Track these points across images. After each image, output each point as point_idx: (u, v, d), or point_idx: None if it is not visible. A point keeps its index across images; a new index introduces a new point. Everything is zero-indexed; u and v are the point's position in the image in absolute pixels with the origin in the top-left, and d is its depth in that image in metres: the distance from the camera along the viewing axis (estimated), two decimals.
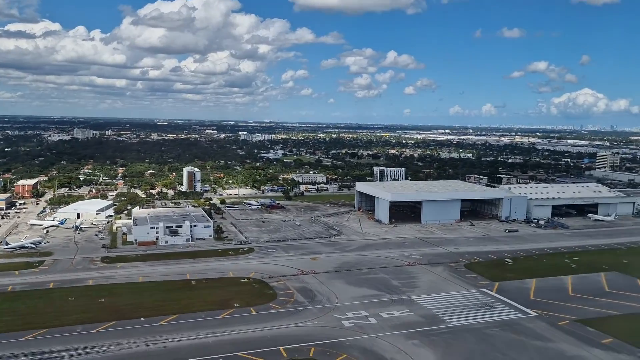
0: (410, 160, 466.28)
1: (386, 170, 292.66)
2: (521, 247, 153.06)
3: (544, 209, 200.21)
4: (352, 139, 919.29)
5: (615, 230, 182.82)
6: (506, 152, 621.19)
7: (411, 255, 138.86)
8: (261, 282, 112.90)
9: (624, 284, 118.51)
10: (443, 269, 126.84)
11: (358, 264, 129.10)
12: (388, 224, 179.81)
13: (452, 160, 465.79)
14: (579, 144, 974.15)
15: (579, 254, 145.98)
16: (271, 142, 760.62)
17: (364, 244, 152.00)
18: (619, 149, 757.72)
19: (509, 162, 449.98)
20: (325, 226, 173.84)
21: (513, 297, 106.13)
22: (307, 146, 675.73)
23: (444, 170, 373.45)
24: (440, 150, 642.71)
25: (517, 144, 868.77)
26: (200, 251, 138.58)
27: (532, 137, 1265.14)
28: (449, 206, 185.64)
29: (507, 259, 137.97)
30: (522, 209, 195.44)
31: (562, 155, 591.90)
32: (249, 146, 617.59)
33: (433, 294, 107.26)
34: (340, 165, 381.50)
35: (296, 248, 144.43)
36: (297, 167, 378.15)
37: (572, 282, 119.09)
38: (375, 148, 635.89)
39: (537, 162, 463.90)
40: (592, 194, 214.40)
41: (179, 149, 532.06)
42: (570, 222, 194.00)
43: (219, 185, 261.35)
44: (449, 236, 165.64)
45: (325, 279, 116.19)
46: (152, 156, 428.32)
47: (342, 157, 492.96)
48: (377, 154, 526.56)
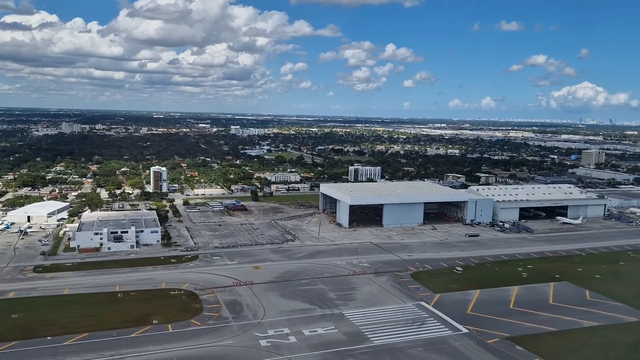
0: (395, 156, 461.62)
1: (361, 169, 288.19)
2: (477, 253, 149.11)
3: (511, 212, 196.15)
4: (345, 134, 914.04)
5: (580, 234, 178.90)
6: (495, 148, 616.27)
7: (359, 264, 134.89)
8: (192, 294, 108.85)
9: (570, 296, 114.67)
10: (387, 279, 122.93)
11: (300, 274, 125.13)
12: (348, 227, 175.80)
13: (438, 157, 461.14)
14: (572, 139, 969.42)
15: (534, 262, 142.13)
16: (261, 137, 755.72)
17: (315, 250, 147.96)
18: (611, 145, 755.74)
19: (493, 159, 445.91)
20: (282, 230, 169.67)
21: (449, 312, 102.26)
22: (297, 141, 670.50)
23: (426, 167, 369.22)
24: (429, 146, 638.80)
25: (509, 139, 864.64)
26: (141, 259, 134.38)
27: (527, 132, 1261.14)
28: (411, 209, 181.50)
29: (457, 267, 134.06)
30: (487, 212, 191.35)
31: (551, 151, 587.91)
32: (235, 142, 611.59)
33: (367, 308, 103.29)
34: (321, 162, 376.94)
35: (243, 255, 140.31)
36: (277, 164, 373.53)
37: (517, 293, 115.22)
38: (364, 144, 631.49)
39: (522, 159, 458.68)
40: (563, 196, 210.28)
41: (163, 144, 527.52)
42: (536, 226, 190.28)
43: (189, 185, 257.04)
44: (407, 241, 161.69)
45: (260, 290, 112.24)
46: (132, 152, 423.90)
47: (327, 153, 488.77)
48: (362, 150, 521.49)
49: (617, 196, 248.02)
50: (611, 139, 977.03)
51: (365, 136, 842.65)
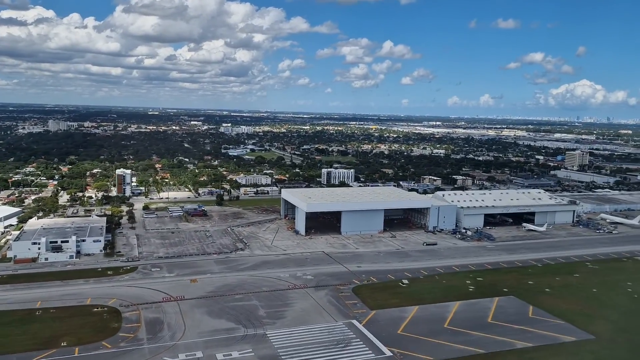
0: (379, 157, 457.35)
1: (335, 171, 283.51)
2: (429, 264, 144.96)
3: (475, 218, 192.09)
4: (336, 132, 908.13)
5: (542, 242, 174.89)
6: (484, 148, 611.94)
7: (303, 276, 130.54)
8: (115, 311, 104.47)
9: (512, 312, 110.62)
10: (326, 293, 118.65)
11: (237, 288, 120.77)
12: (305, 235, 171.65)
13: (422, 157, 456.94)
14: (564, 138, 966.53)
15: (486, 273, 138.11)
16: (250, 135, 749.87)
17: (262, 261, 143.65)
18: (602, 145, 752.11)
19: (477, 160, 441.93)
20: (235, 238, 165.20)
21: (378, 331, 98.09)
22: (285, 140, 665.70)
23: (406, 169, 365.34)
24: (418, 145, 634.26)
25: (500, 138, 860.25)
26: (77, 271, 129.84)
27: (520, 131, 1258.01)
28: (371, 216, 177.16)
29: (404, 280, 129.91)
30: (450, 219, 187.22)
31: (539, 151, 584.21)
32: (221, 140, 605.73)
33: (294, 327, 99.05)
34: (300, 163, 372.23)
35: (184, 266, 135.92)
36: (256, 165, 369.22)
37: (457, 310, 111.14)
38: (351, 143, 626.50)
39: (506, 160, 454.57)
40: (530, 202, 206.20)
41: (146, 143, 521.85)
42: (500, 233, 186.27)
43: (156, 188, 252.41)
44: (361, 250, 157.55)
45: (188, 307, 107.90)
46: (111, 152, 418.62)
47: (310, 153, 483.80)
48: (347, 150, 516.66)
49: (591, 201, 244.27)
50: (603, 139, 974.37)
51: (355, 135, 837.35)
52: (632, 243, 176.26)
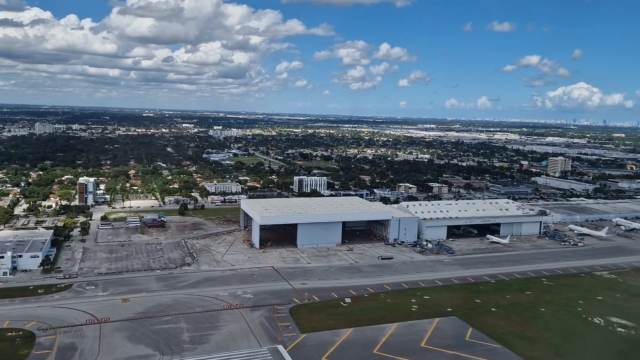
0: (362, 162, 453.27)
1: (306, 179, 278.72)
2: (379, 280, 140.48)
3: (438, 230, 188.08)
4: (327, 136, 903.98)
5: (502, 256, 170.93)
6: (471, 152, 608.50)
7: (243, 294, 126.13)
8: (30, 336, 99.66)
9: (449, 336, 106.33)
10: (261, 314, 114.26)
11: (169, 308, 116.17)
12: (259, 248, 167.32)
13: (405, 163, 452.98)
14: (556, 141, 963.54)
15: (434, 291, 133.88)
16: (238, 138, 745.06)
17: (206, 277, 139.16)
18: (591, 149, 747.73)
19: (460, 166, 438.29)
20: (186, 252, 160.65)
21: (302, 358, 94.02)
22: (272, 144, 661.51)
23: (385, 175, 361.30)
24: (405, 149, 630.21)
25: (490, 142, 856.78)
26: (6, 289, 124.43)
27: (513, 134, 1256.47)
28: (329, 228, 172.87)
29: (347, 299, 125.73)
30: (412, 231, 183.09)
31: (525, 156, 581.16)
32: (207, 144, 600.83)
33: (214, 354, 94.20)
34: (277, 170, 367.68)
35: (122, 284, 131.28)
36: (234, 171, 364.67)
37: (392, 332, 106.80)
38: (339, 147, 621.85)
39: (489, 166, 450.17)
40: (497, 212, 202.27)
41: (128, 147, 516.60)
42: (462, 245, 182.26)
43: (122, 196, 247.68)
44: (312, 265, 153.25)
45: (110, 331, 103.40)
46: (89, 157, 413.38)
47: (293, 158, 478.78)
48: (331, 154, 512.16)
49: (562, 210, 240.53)
50: (595, 143, 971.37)
51: (345, 138, 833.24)
52: (594, 257, 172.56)
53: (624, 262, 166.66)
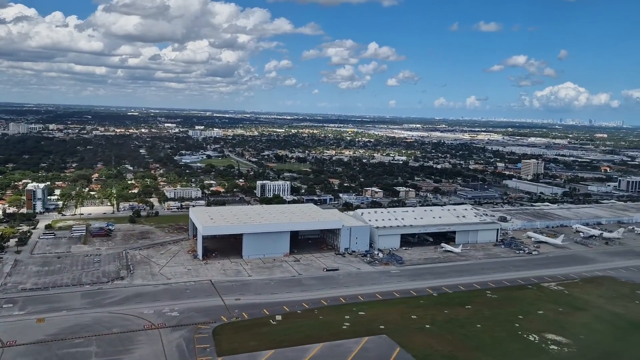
0: (337, 164, 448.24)
1: (269, 184, 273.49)
2: (317, 295, 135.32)
3: (391, 239, 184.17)
4: (309, 136, 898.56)
5: (452, 266, 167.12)
6: (449, 154, 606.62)
7: (169, 312, 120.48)
8: None
9: (373, 357, 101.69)
10: (181, 335, 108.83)
11: (84, 329, 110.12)
12: (201, 260, 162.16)
13: (379, 165, 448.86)
14: (537, 142, 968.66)
15: (372, 305, 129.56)
16: (217, 139, 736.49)
17: (136, 292, 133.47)
18: (570, 150, 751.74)
19: (435, 168, 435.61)
20: (124, 264, 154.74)
21: None
22: (251, 144, 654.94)
23: (356, 178, 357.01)
24: (384, 150, 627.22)
25: (472, 142, 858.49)
26: None
27: (497, 134, 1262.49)
28: (275, 238, 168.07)
29: (278, 316, 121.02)
30: (363, 240, 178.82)
31: (503, 157, 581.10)
32: (183, 145, 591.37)
33: None
34: (247, 173, 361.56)
35: (44, 301, 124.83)
36: (201, 174, 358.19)
37: (315, 354, 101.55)
38: (318, 148, 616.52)
39: (462, 168, 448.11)
40: (453, 219, 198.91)
41: (100, 149, 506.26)
42: (415, 254, 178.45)
43: (76, 203, 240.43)
44: (253, 278, 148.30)
45: (12, 356, 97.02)
46: (56, 159, 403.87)
47: (268, 160, 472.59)
48: (306, 157, 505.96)
49: (524, 216, 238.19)
50: (575, 143, 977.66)
51: (327, 139, 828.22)
52: (546, 266, 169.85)
53: (574, 272, 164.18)
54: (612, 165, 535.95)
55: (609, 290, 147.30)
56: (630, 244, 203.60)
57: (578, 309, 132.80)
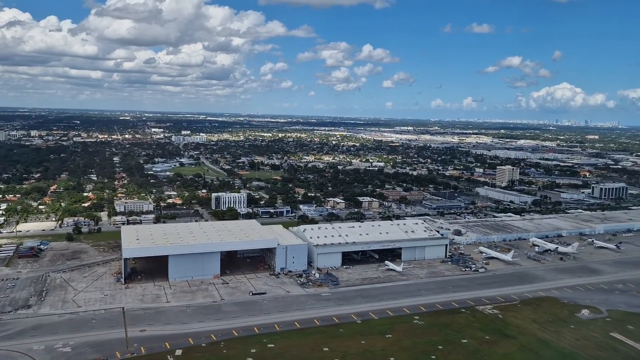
0: (311, 171, 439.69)
1: (224, 196, 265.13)
2: (231, 324, 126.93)
3: (331, 257, 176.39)
4: (294, 140, 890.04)
5: (389, 287, 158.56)
6: (430, 159, 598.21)
7: (62, 348, 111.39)
8: None
9: None
10: None
11: None
12: (124, 283, 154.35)
13: (353, 172, 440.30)
14: (525, 145, 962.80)
15: (284, 336, 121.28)
16: (198, 145, 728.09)
17: (36, 324, 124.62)
18: (555, 154, 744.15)
19: (409, 175, 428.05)
20: (38, 289, 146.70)
21: None
22: (231, 150, 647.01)
23: (324, 187, 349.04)
24: (366, 155, 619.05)
25: (458, 146, 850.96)
26: None
27: (487, 136, 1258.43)
28: (205, 259, 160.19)
29: (179, 350, 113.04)
30: (301, 259, 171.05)
31: (484, 162, 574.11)
32: (160, 152, 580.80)
33: None
34: (211, 183, 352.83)
35: None
36: (166, 184, 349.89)
37: None
38: (297, 155, 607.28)
39: (438, 175, 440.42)
40: (401, 235, 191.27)
41: (72, 157, 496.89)
42: (354, 274, 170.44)
43: (20, 218, 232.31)
44: (170, 304, 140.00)
45: None
46: (19, 169, 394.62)
47: (242, 167, 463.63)
48: (282, 164, 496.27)
49: (482, 228, 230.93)
50: (565, 145, 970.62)
51: (312, 143, 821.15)
52: (488, 286, 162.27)
53: (516, 293, 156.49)
54: (594, 169, 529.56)
55: (546, 314, 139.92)
56: (585, 259, 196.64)
57: (506, 337, 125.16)
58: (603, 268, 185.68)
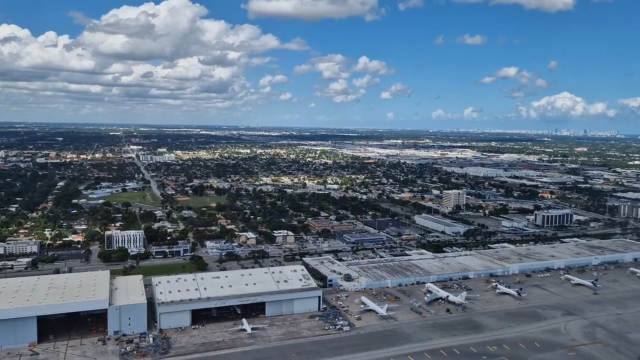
0: (254, 196, 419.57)
1: (116, 235, 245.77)
2: None
3: (178, 316, 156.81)
4: (268, 157, 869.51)
5: (226, 356, 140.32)
6: (393, 179, 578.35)
7: None
8: None
9: None
10: None
11: None
12: None
13: (300, 196, 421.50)
14: (505, 160, 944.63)
15: None
16: (160, 165, 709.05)
17: None
18: (530, 170, 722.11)
19: (355, 200, 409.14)
20: None
21: None
22: (194, 169, 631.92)
23: (248, 218, 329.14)
24: (328, 176, 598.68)
25: (435, 162, 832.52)
26: None
27: (471, 150, 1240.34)
28: (18, 325, 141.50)
29: None
30: (139, 320, 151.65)
31: (447, 182, 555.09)
32: (114, 175, 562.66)
33: None
34: (131, 214, 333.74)
35: None
36: (89, 214, 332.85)
37: None
38: (254, 177, 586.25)
39: (388, 199, 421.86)
40: (270, 286, 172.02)
41: (18, 183, 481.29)
42: (198, 337, 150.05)
43: None
44: None
45: None
46: None
47: (185, 192, 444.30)
48: (230, 187, 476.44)
49: (380, 271, 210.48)
50: (545, 160, 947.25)
51: (283, 162, 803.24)
52: (338, 352, 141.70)
53: None
54: (558, 189, 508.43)
55: None
56: (475, 310, 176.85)
57: None
58: (489, 323, 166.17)
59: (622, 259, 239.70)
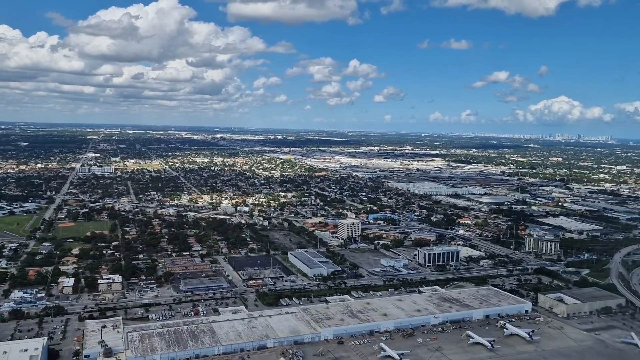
0: (142, 224, 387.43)
1: None
2: None
3: None
4: (214, 170, 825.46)
5: None
6: (325, 200, 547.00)
7: None
8: None
9: None
10: None
11: None
12: None
13: (193, 224, 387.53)
14: (467, 172, 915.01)
15: None
16: (87, 177, 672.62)
17: None
18: (477, 187, 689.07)
19: (254, 227, 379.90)
20: None
21: None
22: (121, 183, 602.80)
23: (133, 252, 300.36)
24: (263, 192, 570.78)
25: (389, 175, 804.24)
26: None
27: (440, 159, 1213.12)
28: None
29: None
30: None
31: (374, 203, 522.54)
32: (45, 189, 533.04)
33: None
34: None
35: None
36: None
37: None
38: (174, 195, 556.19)
39: (290, 226, 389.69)
40: None
41: None
42: None
43: None
44: None
45: None
46: None
47: (84, 215, 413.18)
48: (133, 209, 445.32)
49: (166, 339, 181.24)
50: (506, 174, 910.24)
51: (233, 173, 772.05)
52: None
53: None
54: (486, 213, 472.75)
55: None
56: None
57: None
58: None
59: (469, 317, 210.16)
